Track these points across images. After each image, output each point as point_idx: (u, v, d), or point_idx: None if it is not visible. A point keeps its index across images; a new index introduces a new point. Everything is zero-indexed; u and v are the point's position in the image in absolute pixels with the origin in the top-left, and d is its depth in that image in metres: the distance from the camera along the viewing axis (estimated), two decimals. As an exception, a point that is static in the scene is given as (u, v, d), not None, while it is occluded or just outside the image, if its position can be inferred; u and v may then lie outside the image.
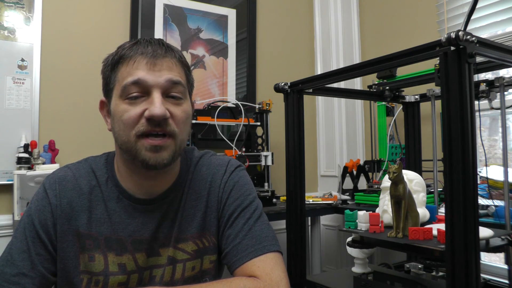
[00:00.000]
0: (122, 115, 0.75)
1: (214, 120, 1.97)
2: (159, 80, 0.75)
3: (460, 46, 0.86)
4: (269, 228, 0.85)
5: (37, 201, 0.81)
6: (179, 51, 0.82)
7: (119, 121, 0.76)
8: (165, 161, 0.75)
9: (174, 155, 0.77)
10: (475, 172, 0.85)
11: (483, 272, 1.58)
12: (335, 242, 2.50)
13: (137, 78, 0.74)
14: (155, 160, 0.74)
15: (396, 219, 1.10)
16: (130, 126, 0.74)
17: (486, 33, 1.89)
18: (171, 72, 0.77)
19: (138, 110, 0.74)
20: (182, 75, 0.80)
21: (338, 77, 1.25)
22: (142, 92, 0.75)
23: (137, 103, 0.75)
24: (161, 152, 0.75)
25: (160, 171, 0.80)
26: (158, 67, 0.76)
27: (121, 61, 0.77)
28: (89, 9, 2.03)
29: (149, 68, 0.75)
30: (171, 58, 0.78)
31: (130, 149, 0.75)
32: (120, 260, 0.80)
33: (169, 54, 0.78)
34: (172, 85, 0.77)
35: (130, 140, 0.75)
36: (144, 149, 0.74)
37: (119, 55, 0.78)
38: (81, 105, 1.97)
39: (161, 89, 0.75)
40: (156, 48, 0.77)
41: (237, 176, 0.90)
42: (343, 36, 2.62)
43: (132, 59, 0.76)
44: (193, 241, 0.84)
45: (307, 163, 1.45)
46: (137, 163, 0.76)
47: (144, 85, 0.74)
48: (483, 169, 1.50)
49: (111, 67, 0.79)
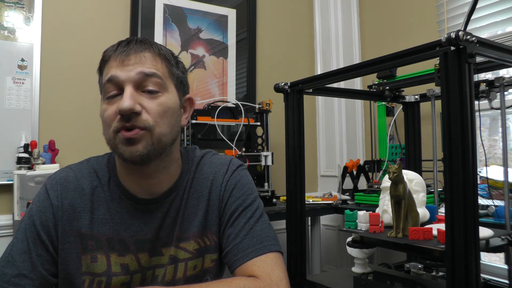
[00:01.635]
0: (103, 115, 0.77)
1: (214, 120, 1.97)
2: (130, 74, 0.75)
3: (460, 46, 0.86)
4: (270, 228, 0.85)
5: (38, 202, 0.81)
6: (159, 45, 0.82)
7: (102, 122, 0.78)
8: (139, 153, 0.74)
9: (151, 148, 0.75)
10: (475, 172, 0.85)
11: (483, 272, 1.58)
12: (335, 242, 2.50)
13: (110, 76, 0.76)
14: (130, 153, 0.74)
15: (396, 219, 1.10)
16: (108, 124, 0.76)
17: (486, 33, 1.89)
18: (143, 65, 0.77)
19: (114, 108, 0.75)
20: (159, 67, 0.79)
21: (338, 77, 1.25)
22: (118, 89, 0.76)
23: (114, 101, 0.76)
24: (135, 145, 0.74)
25: (151, 168, 0.80)
26: (129, 62, 0.76)
27: (102, 64, 0.80)
28: (89, 9, 2.03)
29: (121, 65, 0.76)
30: (144, 51, 0.78)
31: (112, 146, 0.77)
32: (122, 261, 0.79)
33: (141, 47, 0.78)
34: (144, 77, 0.76)
35: (110, 138, 0.76)
36: (120, 142, 0.75)
37: (101, 59, 0.81)
38: (81, 105, 1.97)
39: (132, 83, 0.75)
40: (128, 44, 0.78)
41: (239, 176, 0.90)
42: (343, 36, 2.62)
43: (108, 59, 0.78)
44: (195, 240, 0.84)
45: (307, 163, 1.45)
46: (121, 160, 0.78)
47: (117, 81, 0.75)
48: (483, 169, 1.50)
49: (99, 73, 0.82)
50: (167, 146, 0.80)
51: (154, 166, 0.80)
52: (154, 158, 0.77)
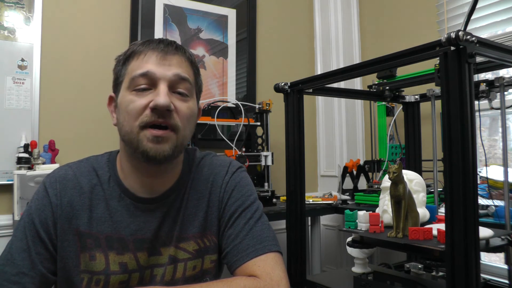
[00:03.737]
0: (128, 106, 0.76)
1: (214, 120, 1.97)
2: (167, 74, 0.77)
3: (460, 46, 0.86)
4: (269, 228, 0.86)
5: (37, 200, 0.81)
6: (189, 52, 0.84)
7: (124, 112, 0.77)
8: (165, 153, 0.75)
9: (175, 149, 0.77)
10: (475, 172, 0.85)
11: (483, 272, 1.58)
12: (335, 242, 2.50)
13: (146, 71, 0.76)
14: (156, 151, 0.75)
15: (396, 219, 1.10)
16: (134, 117, 0.75)
17: (486, 33, 1.89)
18: (180, 68, 0.79)
19: (144, 101, 0.75)
20: (190, 73, 0.82)
21: (338, 77, 1.25)
22: (149, 84, 0.77)
23: (144, 94, 0.76)
24: (162, 144, 0.75)
25: (162, 168, 0.81)
26: (167, 61, 0.78)
27: (132, 56, 0.80)
28: (89, 9, 2.03)
29: (158, 62, 0.77)
30: (181, 55, 0.80)
31: (132, 140, 0.76)
32: (121, 259, 0.80)
33: (180, 51, 0.81)
34: (179, 80, 0.78)
35: (133, 131, 0.76)
36: (146, 139, 0.75)
37: (131, 50, 0.81)
38: (81, 105, 1.97)
39: (168, 82, 0.77)
40: (167, 45, 0.80)
41: (238, 177, 0.90)
42: (343, 36, 2.62)
43: (143, 53, 0.79)
44: (195, 240, 0.84)
45: (307, 163, 1.45)
46: (137, 155, 0.77)
47: (152, 77, 0.76)
48: (483, 169, 1.50)
49: (122, 62, 0.81)
50: (183, 149, 0.83)
51: (164, 166, 0.81)
52: (173, 159, 0.79)
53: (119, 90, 0.80)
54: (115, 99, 0.83)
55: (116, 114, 0.82)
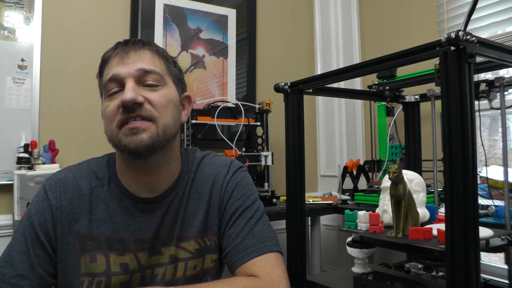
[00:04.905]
0: (105, 112, 0.78)
1: (214, 120, 1.97)
2: (130, 71, 0.78)
3: (460, 46, 0.86)
4: (270, 228, 0.86)
5: (37, 203, 0.82)
6: (155, 45, 0.84)
7: (104, 119, 0.79)
8: (145, 143, 0.75)
9: (157, 138, 0.77)
10: (475, 172, 0.85)
11: (483, 272, 1.58)
12: (335, 242, 2.50)
13: (111, 75, 0.78)
14: (134, 143, 0.75)
15: (396, 219, 1.10)
16: (111, 119, 0.77)
17: (486, 33, 1.89)
18: (143, 62, 0.79)
19: (116, 102, 0.77)
20: (157, 64, 0.81)
21: (338, 77, 1.25)
22: (119, 86, 0.78)
23: (116, 97, 0.78)
24: (139, 134, 0.75)
25: (154, 163, 0.81)
26: (129, 59, 0.79)
27: (102, 65, 0.82)
28: (89, 9, 2.03)
29: (121, 63, 0.78)
30: (140, 49, 0.81)
31: (115, 141, 0.77)
32: (122, 260, 0.80)
33: (139, 46, 0.81)
34: (144, 73, 0.78)
35: (113, 133, 0.77)
36: (123, 135, 0.76)
37: (101, 60, 0.83)
38: (81, 105, 1.97)
39: (133, 78, 0.77)
40: (126, 43, 0.81)
41: (239, 177, 0.90)
42: (343, 36, 2.62)
43: (109, 59, 0.81)
44: (195, 240, 0.84)
45: (307, 163, 1.45)
46: (124, 155, 0.78)
47: (118, 78, 0.77)
48: (483, 169, 1.50)
49: (99, 75, 0.84)
50: (171, 138, 0.81)
51: (156, 159, 0.81)
52: (158, 149, 0.78)
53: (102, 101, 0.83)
54: None
55: None
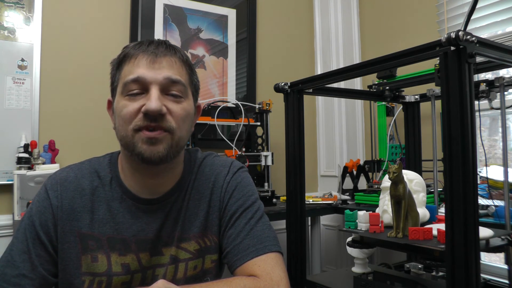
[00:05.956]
0: (122, 111, 0.77)
1: (214, 120, 1.97)
2: (158, 77, 0.76)
3: (460, 46, 0.86)
4: (270, 228, 0.86)
5: (38, 202, 0.82)
6: (182, 51, 0.83)
7: (119, 117, 0.78)
8: (160, 154, 0.75)
9: (170, 150, 0.77)
10: (475, 172, 0.85)
11: (483, 272, 1.58)
12: (335, 242, 2.50)
13: (137, 76, 0.76)
14: (150, 152, 0.75)
15: (396, 219, 1.10)
16: (128, 121, 0.76)
17: (486, 33, 1.89)
18: (171, 70, 0.78)
19: (136, 105, 0.76)
20: (183, 74, 0.81)
21: (338, 77, 1.25)
22: (141, 89, 0.77)
23: (136, 99, 0.76)
24: (156, 145, 0.75)
25: (160, 169, 0.81)
26: (157, 64, 0.77)
27: (124, 60, 0.80)
28: (89, 9, 2.03)
29: (149, 66, 0.77)
30: (171, 56, 0.80)
31: (128, 143, 0.77)
32: (123, 260, 0.80)
33: (170, 52, 0.80)
34: (170, 83, 0.78)
35: (127, 135, 0.76)
36: (140, 141, 0.75)
37: (123, 54, 0.80)
38: (81, 105, 1.97)
39: (159, 85, 0.77)
40: (158, 46, 0.79)
41: (239, 177, 0.90)
42: (343, 36, 2.62)
43: (133, 56, 0.78)
44: (196, 240, 0.84)
45: (307, 163, 1.45)
46: (134, 158, 0.77)
47: (143, 81, 0.76)
48: (483, 169, 1.50)
49: (116, 66, 0.82)
50: (181, 150, 0.82)
51: (163, 166, 0.81)
52: (170, 160, 0.79)
53: (115, 95, 0.81)
54: (112, 103, 0.83)
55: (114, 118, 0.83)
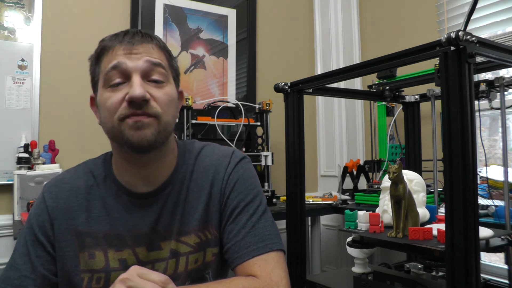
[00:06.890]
0: (106, 102, 0.77)
1: (214, 120, 1.97)
2: (138, 63, 0.76)
3: (460, 46, 0.86)
4: (272, 225, 0.85)
5: (35, 206, 0.85)
6: (158, 37, 0.84)
7: (103, 109, 0.78)
8: (148, 138, 0.75)
9: (158, 135, 0.76)
10: (475, 172, 0.85)
11: (483, 272, 1.59)
12: (335, 242, 2.50)
13: (116, 62, 0.76)
14: (138, 137, 0.74)
15: (396, 219, 1.10)
16: (113, 112, 0.75)
17: (486, 33, 1.89)
18: (150, 55, 0.78)
19: (120, 95, 0.75)
20: (162, 58, 0.81)
21: (338, 77, 1.25)
22: (123, 78, 0.76)
23: (119, 89, 0.76)
24: (143, 130, 0.75)
25: (152, 157, 0.81)
26: (135, 50, 0.78)
27: (102, 53, 0.81)
28: (89, 9, 2.03)
29: (127, 53, 0.77)
30: (148, 43, 0.80)
31: (115, 134, 0.76)
32: (120, 256, 0.80)
33: (147, 40, 0.80)
34: (151, 66, 0.77)
35: (114, 125, 0.76)
36: (127, 128, 0.75)
37: (100, 48, 0.81)
38: (81, 105, 1.97)
39: (140, 72, 0.76)
40: (134, 35, 0.80)
41: (242, 169, 0.88)
42: (343, 36, 2.62)
43: (111, 48, 0.79)
44: (196, 234, 0.84)
45: (307, 163, 1.45)
46: (124, 147, 0.77)
47: (123, 68, 0.76)
48: (483, 169, 1.50)
49: (95, 61, 0.83)
50: (169, 135, 0.81)
51: (153, 154, 0.80)
52: (158, 146, 0.78)
53: (97, 89, 0.81)
54: (95, 98, 0.84)
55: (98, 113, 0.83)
